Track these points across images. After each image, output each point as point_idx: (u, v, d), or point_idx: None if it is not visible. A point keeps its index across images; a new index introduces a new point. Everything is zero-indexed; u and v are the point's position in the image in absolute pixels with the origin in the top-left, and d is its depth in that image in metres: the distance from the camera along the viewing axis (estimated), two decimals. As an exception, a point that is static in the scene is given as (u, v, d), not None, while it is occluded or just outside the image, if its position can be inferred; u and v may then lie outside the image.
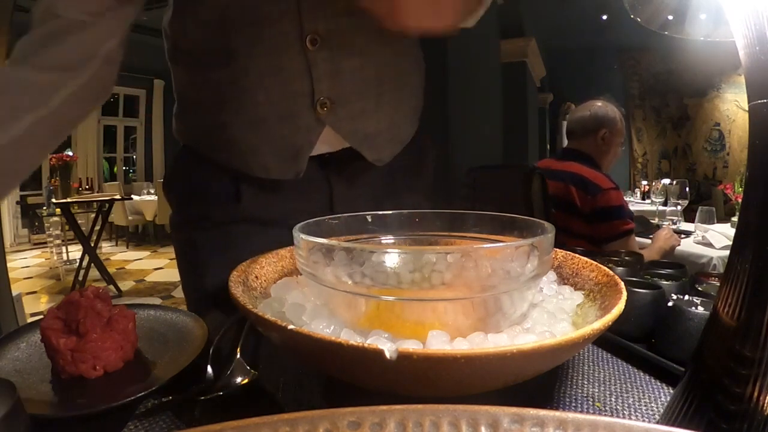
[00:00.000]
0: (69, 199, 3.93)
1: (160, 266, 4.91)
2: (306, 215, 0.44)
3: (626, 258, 0.67)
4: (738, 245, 0.27)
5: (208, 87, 0.62)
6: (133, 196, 5.68)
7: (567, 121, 1.92)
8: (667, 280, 0.56)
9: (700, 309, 0.43)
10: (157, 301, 3.62)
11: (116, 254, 5.60)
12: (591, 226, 1.71)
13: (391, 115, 0.65)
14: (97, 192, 5.24)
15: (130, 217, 5.62)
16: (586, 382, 0.41)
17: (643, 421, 0.35)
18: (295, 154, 0.62)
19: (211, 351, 0.43)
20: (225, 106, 0.61)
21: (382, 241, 0.47)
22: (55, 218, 4.37)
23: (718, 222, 2.09)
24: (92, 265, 3.81)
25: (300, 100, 0.59)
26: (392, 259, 0.37)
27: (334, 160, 0.66)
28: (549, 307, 0.39)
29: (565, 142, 1.95)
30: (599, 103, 1.84)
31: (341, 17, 0.58)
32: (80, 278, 3.89)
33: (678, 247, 1.87)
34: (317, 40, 0.57)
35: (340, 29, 0.58)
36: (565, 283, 0.45)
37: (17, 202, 5.84)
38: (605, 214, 1.68)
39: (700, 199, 4.85)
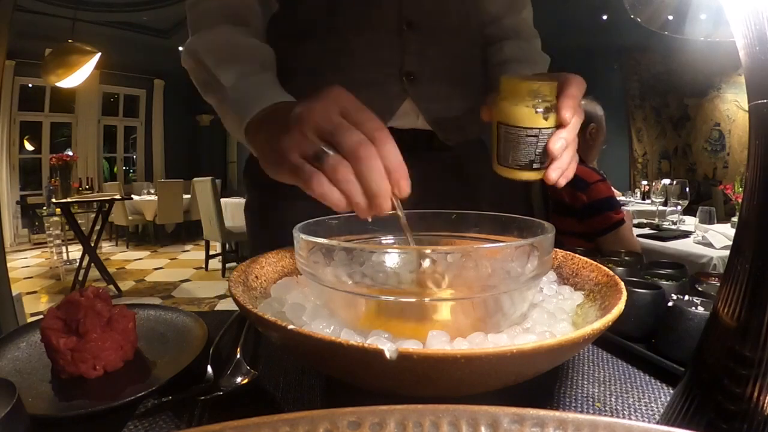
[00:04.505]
0: (69, 199, 3.93)
1: (160, 266, 4.91)
2: None
3: (626, 258, 0.67)
4: (738, 245, 0.27)
5: (306, 56, 0.70)
6: (133, 196, 5.67)
7: None
8: (667, 280, 0.56)
9: (700, 309, 0.43)
10: (157, 301, 3.62)
11: (116, 254, 5.60)
12: (584, 223, 1.71)
13: (459, 105, 0.74)
14: (97, 192, 5.24)
15: (130, 217, 5.61)
16: (586, 382, 0.41)
17: (643, 421, 0.35)
18: None
19: (211, 351, 0.43)
20: (318, 72, 0.69)
21: (382, 241, 0.47)
22: (55, 218, 4.37)
23: (718, 222, 2.08)
24: (92, 265, 3.81)
25: (389, 70, 0.68)
26: (392, 259, 0.37)
27: (403, 145, 0.72)
28: (549, 307, 0.39)
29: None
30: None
31: (434, 13, 0.70)
32: (80, 278, 3.89)
33: (678, 248, 1.87)
34: (413, 24, 0.68)
35: (432, 20, 0.70)
36: (565, 283, 0.44)
37: (17, 202, 5.83)
38: (596, 207, 1.68)
39: (700, 199, 4.84)
